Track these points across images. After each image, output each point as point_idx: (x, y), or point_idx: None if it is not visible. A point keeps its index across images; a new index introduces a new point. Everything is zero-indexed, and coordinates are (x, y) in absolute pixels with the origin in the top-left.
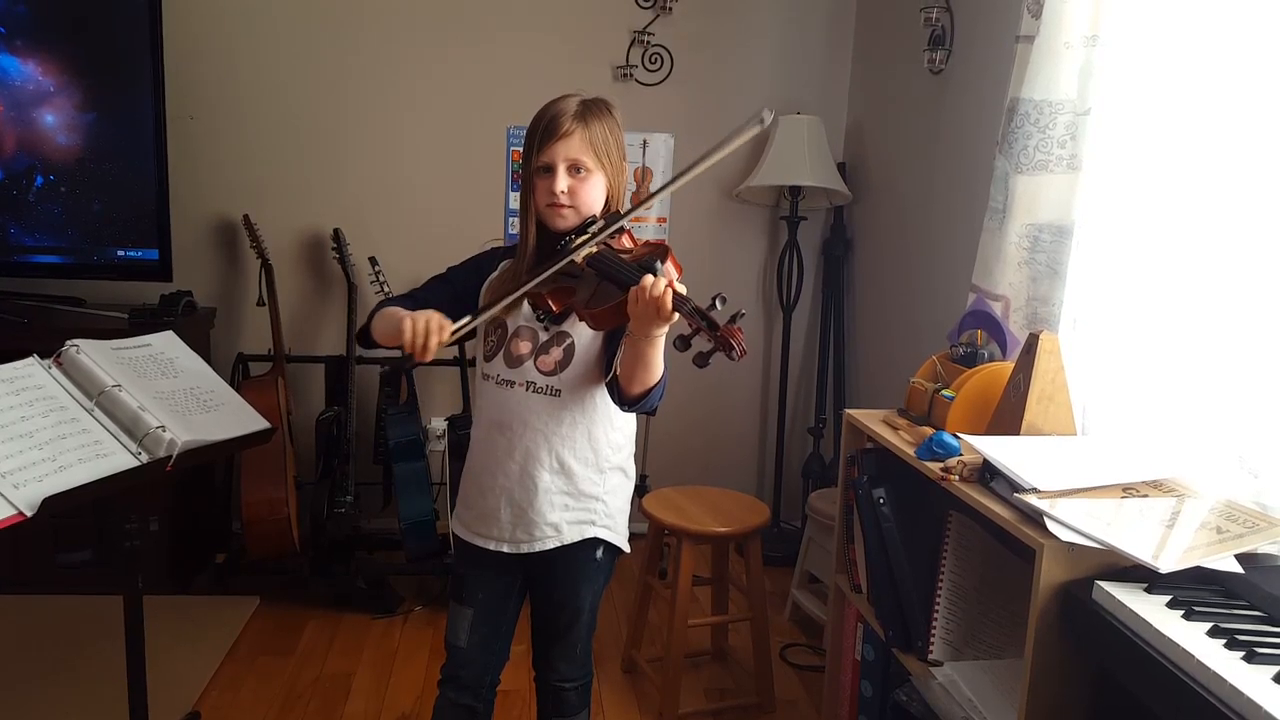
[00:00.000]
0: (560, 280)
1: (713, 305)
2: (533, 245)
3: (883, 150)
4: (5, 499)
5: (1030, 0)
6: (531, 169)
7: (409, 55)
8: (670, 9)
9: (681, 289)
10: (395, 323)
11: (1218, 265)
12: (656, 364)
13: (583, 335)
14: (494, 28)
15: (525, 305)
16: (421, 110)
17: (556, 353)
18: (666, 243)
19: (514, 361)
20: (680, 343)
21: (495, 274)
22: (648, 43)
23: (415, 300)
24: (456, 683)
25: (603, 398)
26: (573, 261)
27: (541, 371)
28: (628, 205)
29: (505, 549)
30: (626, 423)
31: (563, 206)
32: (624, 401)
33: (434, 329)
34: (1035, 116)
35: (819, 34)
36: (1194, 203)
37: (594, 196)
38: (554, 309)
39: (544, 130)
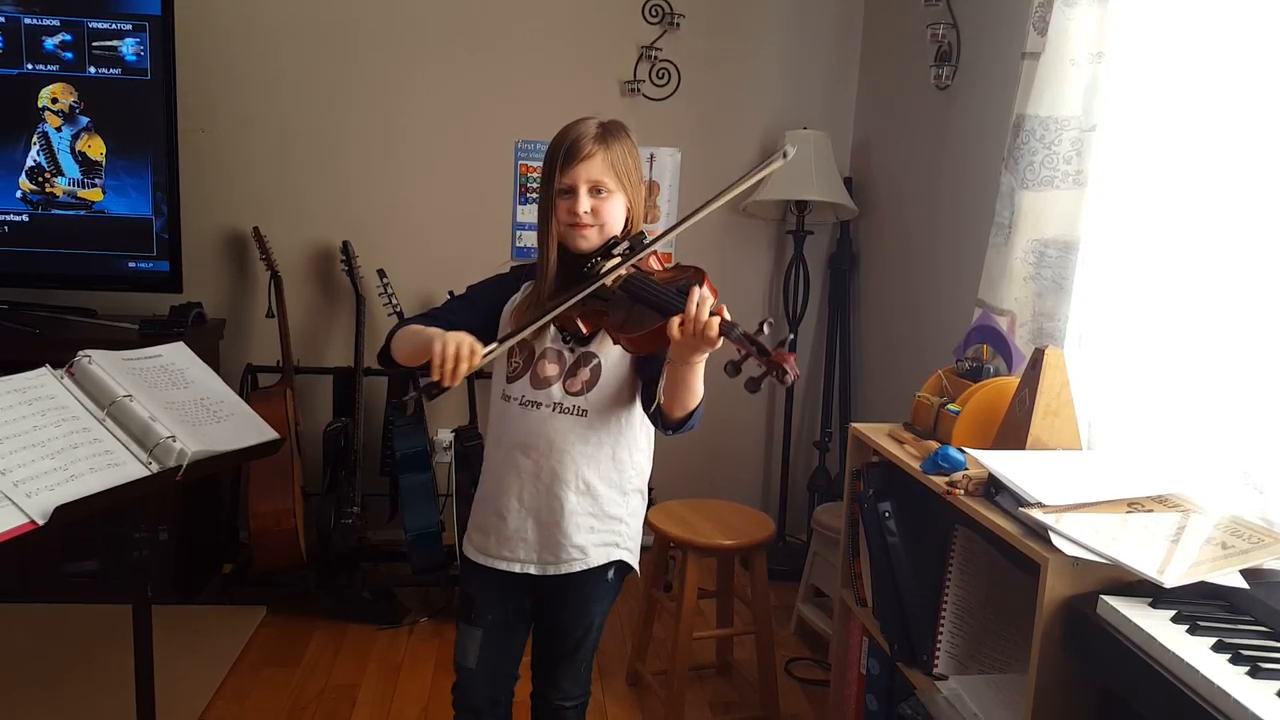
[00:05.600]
0: (590, 303)
1: (760, 330)
2: (554, 268)
3: (889, 165)
4: (18, 507)
5: (1036, 17)
6: (552, 192)
7: (418, 70)
8: (678, 24)
9: (727, 314)
10: (423, 342)
11: (1223, 281)
12: (698, 387)
13: (609, 356)
14: (502, 43)
15: (552, 328)
16: (430, 124)
17: (584, 374)
18: (700, 266)
19: (540, 383)
20: (731, 368)
21: (519, 297)
22: (655, 58)
23: (436, 320)
24: (468, 703)
25: (628, 420)
26: (604, 284)
27: (569, 392)
28: (645, 224)
29: (532, 570)
30: (648, 445)
31: (586, 227)
32: (668, 427)
33: (464, 354)
34: (1041, 133)
35: (826, 49)
36: (1199, 219)
37: (616, 216)
38: (584, 331)
39: (566, 153)
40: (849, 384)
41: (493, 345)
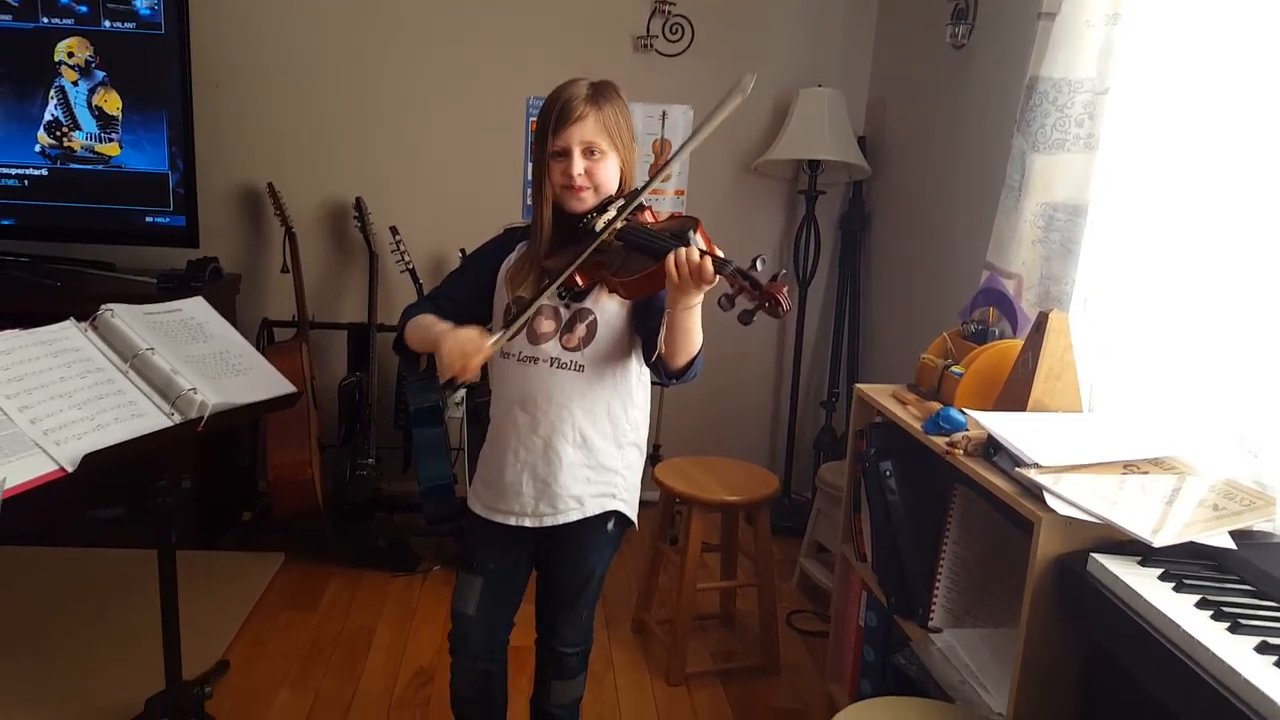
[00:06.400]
0: (590, 257)
1: (753, 265)
2: (549, 227)
3: (903, 125)
4: (48, 455)
5: None
6: (545, 154)
7: (431, 26)
8: None
9: (720, 254)
10: (432, 338)
11: (1228, 248)
12: (697, 333)
13: (605, 311)
14: None
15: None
16: (442, 81)
17: (580, 329)
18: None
19: (537, 339)
20: (725, 301)
21: (514, 256)
22: (669, 13)
23: (437, 302)
24: (466, 650)
25: (624, 375)
26: (602, 240)
27: (566, 348)
28: (640, 184)
29: (528, 523)
30: (645, 401)
31: (581, 189)
32: (669, 375)
33: (472, 350)
34: (1054, 95)
35: (842, 5)
36: (1207, 186)
37: (610, 177)
38: (580, 285)
39: (558, 115)
40: (857, 345)
41: (500, 333)
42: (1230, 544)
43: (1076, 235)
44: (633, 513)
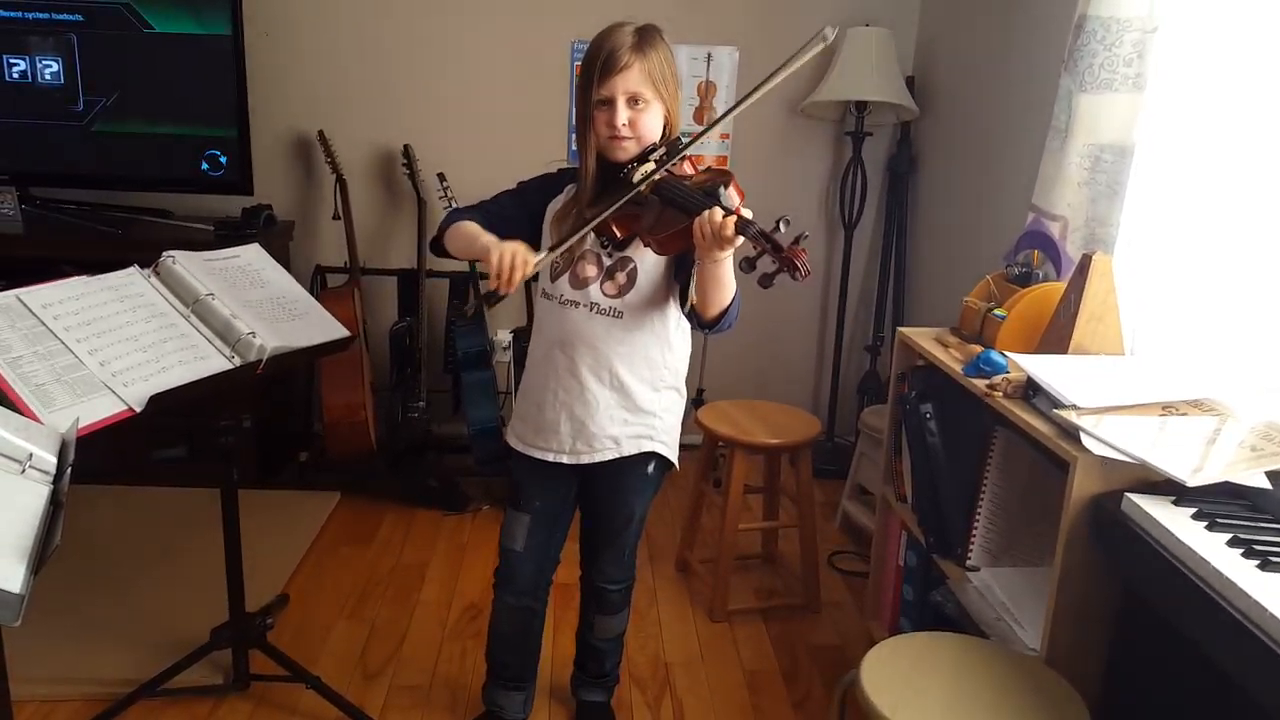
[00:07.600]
0: (625, 208)
1: (776, 228)
2: (593, 176)
3: (952, 65)
4: (117, 396)
5: None
6: (589, 103)
7: None
8: None
9: (747, 213)
10: (477, 245)
11: (1275, 191)
12: (728, 283)
13: (645, 260)
14: None
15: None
16: (487, 26)
17: (620, 277)
18: (729, 168)
19: (579, 284)
20: (746, 264)
21: (561, 198)
22: None
23: (486, 213)
24: (513, 585)
25: (663, 321)
26: (639, 191)
27: (606, 295)
28: (683, 129)
29: (565, 460)
30: (683, 345)
31: (624, 139)
32: (704, 325)
33: (519, 263)
34: (1102, 34)
35: None
36: (1254, 127)
37: (653, 126)
38: (618, 235)
39: (602, 65)
40: (903, 288)
41: (542, 254)
42: (1266, 484)
43: (1122, 177)
44: (673, 454)
